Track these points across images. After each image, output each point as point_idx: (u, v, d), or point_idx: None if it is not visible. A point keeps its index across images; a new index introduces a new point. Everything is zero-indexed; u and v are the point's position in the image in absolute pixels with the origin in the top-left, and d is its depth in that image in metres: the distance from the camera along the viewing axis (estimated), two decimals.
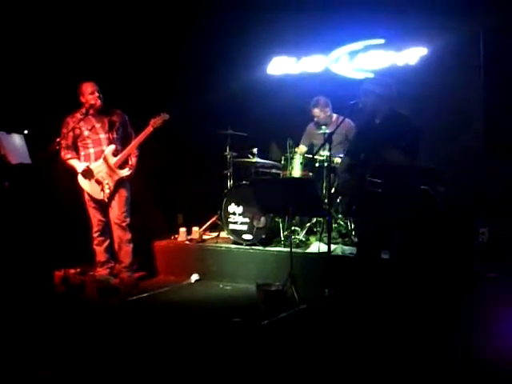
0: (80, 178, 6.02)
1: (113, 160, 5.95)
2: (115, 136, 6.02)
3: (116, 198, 6.06)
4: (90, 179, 5.96)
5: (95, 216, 6.12)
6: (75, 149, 6.07)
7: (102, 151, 5.97)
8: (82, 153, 6.06)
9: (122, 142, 6.08)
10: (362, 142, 5.16)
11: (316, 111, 6.86)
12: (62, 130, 5.96)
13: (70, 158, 6.01)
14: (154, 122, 5.96)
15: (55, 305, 5.43)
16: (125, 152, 6.00)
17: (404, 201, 4.89)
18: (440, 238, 5.78)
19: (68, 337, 4.57)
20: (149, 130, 5.97)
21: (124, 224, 6.09)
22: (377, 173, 4.85)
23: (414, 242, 5.64)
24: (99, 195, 5.97)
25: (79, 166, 5.98)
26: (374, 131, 5.05)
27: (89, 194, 6.05)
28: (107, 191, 5.93)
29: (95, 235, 6.16)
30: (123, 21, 7.40)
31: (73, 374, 3.92)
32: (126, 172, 6.02)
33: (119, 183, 6.02)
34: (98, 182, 5.94)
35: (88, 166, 5.95)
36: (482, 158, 6.46)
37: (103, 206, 6.08)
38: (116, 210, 6.07)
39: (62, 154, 6.00)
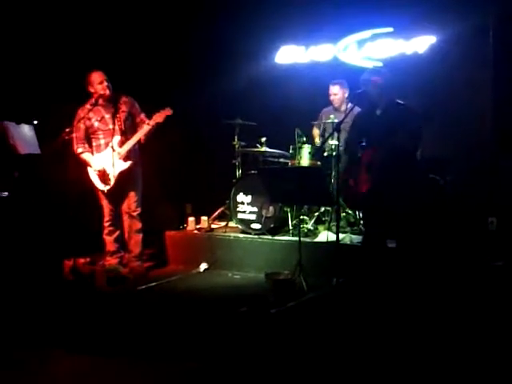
0: (90, 170, 6.02)
1: (117, 151, 5.92)
2: (124, 125, 5.98)
3: (129, 186, 6.06)
4: (97, 170, 5.96)
5: (107, 206, 6.12)
6: (88, 140, 6.08)
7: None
8: (94, 143, 6.04)
9: (133, 130, 6.04)
10: (363, 134, 5.16)
11: (335, 88, 6.84)
12: (74, 122, 5.95)
13: (83, 152, 5.99)
14: (157, 117, 5.90)
15: (64, 294, 5.46)
16: (128, 144, 5.92)
17: (411, 189, 4.89)
18: (448, 227, 5.77)
19: (77, 325, 4.60)
20: (150, 125, 5.91)
21: (135, 213, 6.10)
22: (383, 162, 4.85)
23: (422, 230, 5.65)
24: (102, 186, 5.97)
25: (94, 162, 5.96)
26: (376, 122, 5.04)
27: None
28: (111, 182, 5.92)
29: (106, 224, 6.17)
30: (131, 10, 7.39)
31: (80, 361, 3.96)
32: (126, 165, 5.94)
33: (130, 173, 6.00)
34: (103, 173, 5.94)
35: (104, 168, 5.92)
36: (490, 147, 6.44)
37: (115, 196, 6.07)
38: (128, 200, 6.07)
39: (75, 147, 5.98)
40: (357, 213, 6.36)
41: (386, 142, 4.84)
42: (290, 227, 6.49)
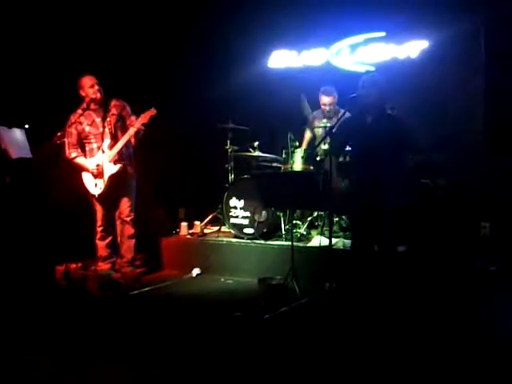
0: (84, 174, 5.99)
1: (107, 154, 5.90)
2: (114, 128, 5.94)
3: (123, 191, 6.04)
4: (94, 170, 5.93)
5: (100, 211, 6.09)
6: (81, 145, 6.04)
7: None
8: (87, 148, 6.02)
9: (124, 133, 5.94)
10: (350, 139, 5.14)
11: (327, 99, 6.72)
12: (66, 127, 5.93)
13: (76, 157, 5.97)
14: (141, 119, 5.86)
15: (56, 299, 5.43)
16: (117, 147, 5.88)
17: (400, 195, 4.89)
18: (441, 231, 5.78)
19: (69, 330, 4.57)
20: (135, 128, 5.88)
21: (128, 219, 6.08)
22: (375, 174, 4.85)
23: (415, 235, 5.65)
24: (94, 190, 5.95)
25: (89, 164, 5.94)
26: (367, 130, 5.01)
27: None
28: (102, 186, 5.90)
29: (99, 229, 6.13)
30: (123, 14, 7.37)
31: (74, 366, 3.94)
32: (116, 168, 5.90)
33: (122, 177, 5.98)
34: (94, 177, 5.92)
35: (100, 166, 5.91)
36: (482, 151, 6.45)
37: (108, 201, 6.05)
38: (122, 205, 6.05)
39: (67, 152, 5.96)
40: None
41: (376, 151, 4.84)
42: (283, 232, 6.49)
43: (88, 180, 5.98)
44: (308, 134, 7.01)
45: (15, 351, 4.18)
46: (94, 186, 5.95)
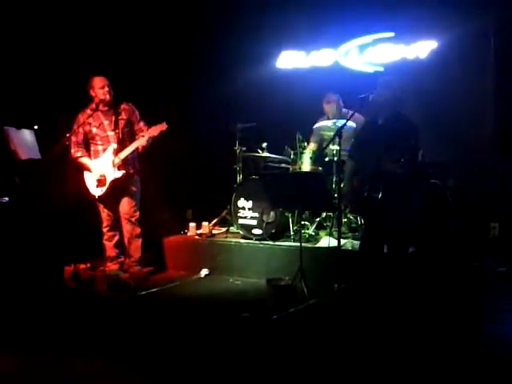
0: (86, 174, 6.02)
1: (112, 159, 5.91)
2: (122, 133, 5.94)
3: (125, 193, 6.05)
4: (96, 174, 5.94)
5: (104, 211, 6.12)
6: (86, 145, 6.07)
7: None
8: (92, 148, 6.05)
9: (131, 138, 6.01)
10: (365, 143, 5.11)
11: (327, 107, 6.78)
12: (73, 126, 5.96)
13: (81, 157, 6.00)
14: (152, 131, 5.86)
15: (65, 300, 5.44)
16: (123, 153, 5.88)
17: (410, 199, 4.86)
18: (450, 232, 5.76)
19: (78, 331, 4.58)
20: (145, 138, 5.88)
21: (133, 219, 6.09)
22: (380, 177, 4.82)
23: (425, 236, 5.63)
24: (95, 191, 5.97)
25: (92, 166, 5.97)
26: (377, 132, 4.98)
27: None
28: (103, 188, 5.92)
29: (105, 230, 6.16)
30: (134, 16, 7.39)
31: (79, 366, 3.95)
32: (119, 174, 5.89)
33: (125, 181, 5.98)
34: (100, 177, 5.94)
35: (103, 170, 5.92)
36: (492, 151, 6.42)
37: (111, 202, 6.07)
38: (125, 205, 6.07)
39: (72, 151, 5.99)
40: (358, 218, 6.33)
41: (388, 151, 4.81)
42: (291, 233, 6.47)
43: (89, 180, 6.01)
44: (312, 145, 6.94)
45: (23, 352, 4.19)
46: (95, 187, 5.97)
